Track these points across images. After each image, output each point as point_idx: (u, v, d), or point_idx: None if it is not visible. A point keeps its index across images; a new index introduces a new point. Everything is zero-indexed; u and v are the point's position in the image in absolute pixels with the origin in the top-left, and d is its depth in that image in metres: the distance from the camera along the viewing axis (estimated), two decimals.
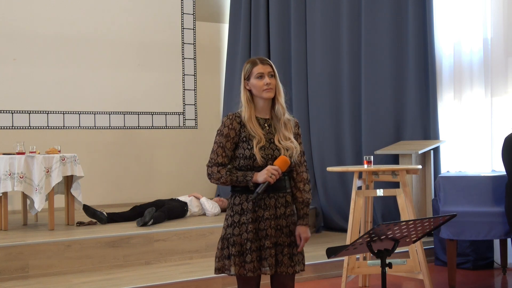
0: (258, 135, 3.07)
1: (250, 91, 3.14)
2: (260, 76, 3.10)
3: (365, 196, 5.04)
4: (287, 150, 3.08)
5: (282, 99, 3.13)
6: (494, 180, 5.16)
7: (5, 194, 5.97)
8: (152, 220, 6.07)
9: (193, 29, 8.81)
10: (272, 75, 3.12)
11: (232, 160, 3.13)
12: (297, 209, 3.16)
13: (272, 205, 3.08)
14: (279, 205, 3.10)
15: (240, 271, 3.03)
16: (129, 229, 5.90)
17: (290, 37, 7.83)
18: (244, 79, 3.15)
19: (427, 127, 6.57)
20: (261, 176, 3.01)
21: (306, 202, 3.15)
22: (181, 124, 8.68)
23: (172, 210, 6.53)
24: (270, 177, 2.99)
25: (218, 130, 3.14)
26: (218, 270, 3.11)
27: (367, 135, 6.95)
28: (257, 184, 3.02)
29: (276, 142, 3.08)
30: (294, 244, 3.11)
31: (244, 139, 3.08)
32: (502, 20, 6.01)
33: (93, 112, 8.08)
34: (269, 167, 3.01)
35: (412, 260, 4.80)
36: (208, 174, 3.17)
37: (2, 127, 7.54)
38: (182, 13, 8.74)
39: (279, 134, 3.10)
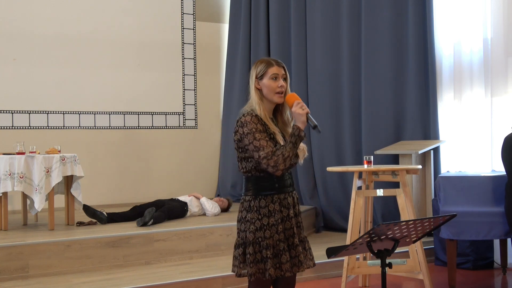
0: (278, 133, 3.09)
1: (260, 90, 3.13)
2: (275, 77, 3.10)
3: (365, 196, 5.04)
4: (301, 151, 3.13)
5: None
6: (494, 180, 5.16)
7: (5, 194, 5.97)
8: (152, 220, 6.07)
9: (193, 29, 8.81)
10: (285, 79, 3.14)
11: (248, 161, 3.08)
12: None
13: (291, 203, 3.15)
14: (295, 203, 3.19)
15: (277, 273, 3.04)
16: (129, 229, 5.90)
17: (290, 37, 7.84)
18: (256, 78, 3.13)
19: (427, 127, 6.57)
20: (299, 121, 3.00)
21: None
22: (181, 124, 8.68)
23: (172, 210, 6.53)
24: (302, 109, 3.00)
25: (249, 130, 3.01)
26: (252, 275, 3.05)
27: (367, 135, 6.95)
28: (313, 126, 3.00)
29: None
30: (307, 239, 3.22)
31: (271, 136, 3.07)
32: (502, 20, 6.01)
33: (93, 112, 8.08)
34: (294, 106, 3.01)
35: (412, 260, 4.80)
36: (275, 164, 2.97)
37: (2, 127, 7.54)
38: (182, 13, 8.74)
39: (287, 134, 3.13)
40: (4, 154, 6.12)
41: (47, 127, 7.79)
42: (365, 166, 4.93)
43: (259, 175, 3.09)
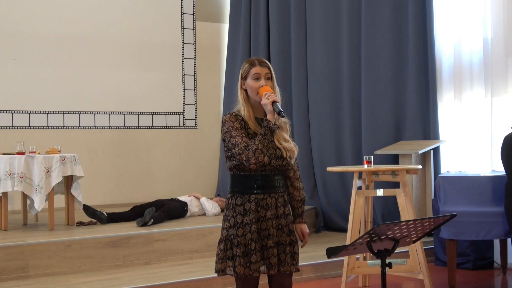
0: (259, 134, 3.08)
1: (246, 90, 3.15)
2: (257, 77, 3.10)
3: (365, 196, 5.04)
4: (288, 151, 3.10)
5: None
6: (494, 180, 5.16)
7: (5, 194, 5.97)
8: (152, 220, 6.07)
9: (193, 29, 8.80)
10: (269, 78, 3.13)
11: (231, 160, 3.11)
12: (295, 208, 3.22)
13: (273, 204, 3.10)
14: (279, 205, 3.13)
15: (245, 272, 3.03)
16: (129, 229, 5.90)
17: (290, 37, 7.84)
18: (241, 79, 3.16)
19: (427, 127, 6.57)
20: (267, 112, 3.03)
21: (303, 200, 3.26)
22: (181, 124, 8.68)
23: (172, 210, 6.53)
24: (268, 98, 3.01)
25: (226, 128, 3.08)
26: (221, 271, 3.09)
27: (367, 135, 6.95)
28: (277, 111, 3.01)
29: (276, 143, 3.09)
30: (294, 243, 3.14)
31: (250, 136, 3.08)
32: (502, 20, 6.01)
33: (93, 112, 8.08)
34: (263, 97, 3.03)
35: (412, 260, 4.80)
36: (247, 159, 2.99)
37: (2, 127, 7.54)
38: (182, 13, 8.74)
39: (277, 135, 3.11)
40: (4, 154, 6.12)
41: (47, 127, 7.79)
42: (365, 166, 4.93)
43: (239, 174, 3.10)
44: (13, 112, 7.61)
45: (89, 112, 8.05)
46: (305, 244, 3.23)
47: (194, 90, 8.79)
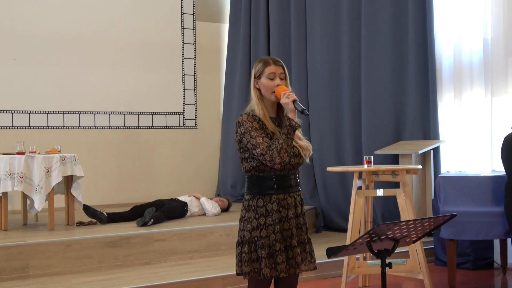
0: (277, 133, 3.08)
1: (259, 90, 3.13)
2: (272, 77, 3.09)
3: (365, 196, 5.04)
4: (304, 149, 3.12)
5: None
6: (494, 180, 5.16)
7: (5, 194, 5.97)
8: (152, 220, 6.07)
9: (193, 29, 8.81)
10: (283, 78, 3.12)
11: (249, 161, 3.08)
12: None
13: (293, 204, 3.13)
14: (298, 204, 3.16)
15: (271, 273, 3.03)
16: (129, 229, 5.90)
17: (290, 37, 7.84)
18: (255, 78, 3.14)
19: (427, 127, 6.57)
20: (288, 111, 3.01)
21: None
22: (181, 124, 8.68)
23: (172, 210, 6.53)
24: (288, 97, 3.00)
25: (245, 129, 3.02)
26: (247, 274, 3.05)
27: (367, 135, 6.95)
28: (300, 110, 3.00)
29: (293, 142, 3.08)
30: (311, 242, 3.18)
31: (268, 135, 3.06)
32: (502, 20, 6.01)
33: (93, 112, 8.08)
34: (281, 98, 3.02)
35: (412, 260, 4.80)
36: (271, 159, 2.96)
37: (2, 127, 7.54)
38: (182, 13, 8.74)
39: None
40: (4, 154, 6.12)
41: (47, 127, 7.79)
42: (365, 166, 4.93)
43: (258, 175, 3.09)
44: (13, 112, 7.61)
45: (89, 112, 8.05)
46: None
47: (194, 90, 8.79)
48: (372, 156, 5.01)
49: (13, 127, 7.60)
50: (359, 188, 5.00)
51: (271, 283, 3.14)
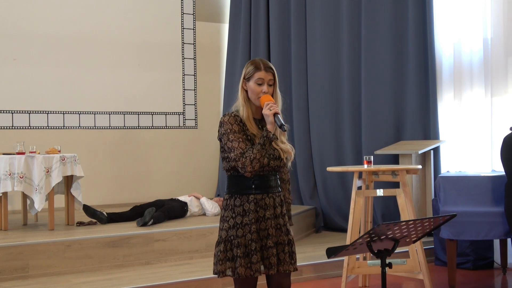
0: (258, 136, 3.08)
1: (246, 91, 3.14)
2: (260, 82, 3.09)
3: (365, 196, 5.04)
4: (285, 152, 3.12)
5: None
6: (494, 180, 5.16)
7: (5, 194, 5.97)
8: (152, 220, 6.07)
9: (193, 29, 8.81)
10: (272, 84, 3.12)
11: (228, 161, 3.10)
12: (286, 210, 3.22)
13: (271, 204, 3.11)
14: (277, 205, 3.14)
15: (246, 272, 3.02)
16: (129, 229, 5.90)
17: (290, 38, 7.84)
18: (244, 79, 3.15)
19: (427, 127, 6.57)
20: (268, 122, 3.01)
21: (291, 203, 3.29)
22: (181, 124, 8.68)
23: (172, 210, 6.53)
24: (270, 109, 3.00)
25: (224, 130, 3.07)
26: (221, 273, 3.08)
27: (367, 135, 6.95)
28: (279, 124, 2.99)
29: (274, 144, 3.09)
30: (292, 243, 3.15)
31: (249, 137, 3.08)
32: (502, 20, 6.02)
33: (93, 112, 8.08)
34: (264, 107, 3.01)
35: (412, 260, 4.80)
36: (242, 166, 3.00)
37: (2, 127, 7.54)
38: (182, 13, 8.74)
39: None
40: (4, 154, 6.12)
41: (47, 127, 7.79)
42: (365, 166, 4.93)
43: (237, 175, 3.10)
44: (13, 112, 7.61)
45: (89, 112, 8.05)
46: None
47: (194, 90, 8.79)
48: (372, 156, 5.01)
49: (13, 127, 7.60)
50: (359, 188, 5.00)
51: (256, 283, 3.13)
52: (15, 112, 7.62)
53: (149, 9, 8.50)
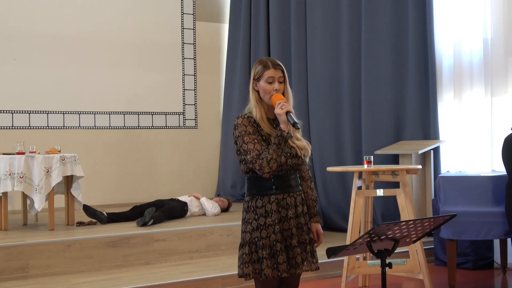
0: (273, 134, 3.07)
1: (257, 91, 3.13)
2: (271, 81, 3.08)
3: (365, 196, 5.04)
4: (302, 149, 3.11)
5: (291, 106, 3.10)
6: (494, 180, 5.16)
7: (5, 194, 5.97)
8: (152, 220, 6.08)
9: (193, 29, 8.81)
10: (282, 81, 3.11)
11: (246, 163, 3.09)
12: (310, 207, 3.20)
13: (293, 204, 3.10)
14: (298, 204, 3.12)
15: (273, 274, 3.01)
16: (129, 229, 5.90)
17: (290, 37, 7.84)
18: (254, 80, 3.13)
19: (427, 127, 6.57)
20: (281, 121, 3.00)
21: (316, 199, 3.24)
22: (181, 124, 8.68)
23: (172, 210, 6.53)
24: (282, 108, 2.98)
25: (239, 132, 3.04)
26: (248, 275, 3.05)
27: (367, 135, 6.94)
28: (292, 123, 2.98)
29: (290, 142, 3.08)
30: (312, 241, 3.15)
31: (264, 138, 3.06)
32: (502, 20, 6.01)
33: (93, 112, 8.08)
34: (276, 106, 3.00)
35: (412, 260, 4.80)
36: (260, 168, 2.98)
37: (2, 127, 7.54)
38: (182, 13, 8.74)
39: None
40: (4, 154, 6.12)
41: (47, 127, 7.79)
42: (365, 166, 4.93)
43: (256, 176, 3.08)
44: (13, 112, 7.61)
45: (89, 112, 8.05)
46: (319, 244, 3.21)
47: (194, 90, 8.79)
48: (372, 156, 5.01)
49: (13, 127, 7.60)
50: (359, 188, 5.00)
51: (277, 284, 3.12)
52: (15, 112, 7.62)
53: (149, 9, 8.50)
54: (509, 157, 4.87)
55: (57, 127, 7.85)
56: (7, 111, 7.58)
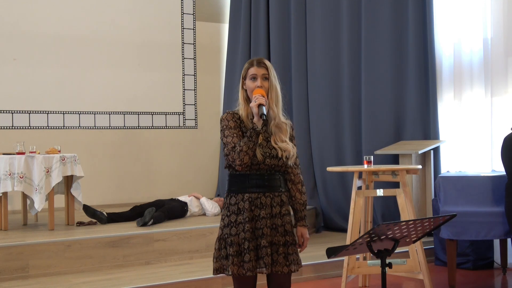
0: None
1: (246, 90, 3.17)
2: (253, 78, 3.11)
3: (365, 196, 5.04)
4: (284, 151, 3.10)
5: (274, 102, 3.11)
6: (494, 180, 5.16)
7: (5, 194, 5.97)
8: (152, 220, 6.08)
9: (193, 29, 8.81)
10: (266, 78, 3.12)
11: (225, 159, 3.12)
12: (297, 211, 3.19)
13: (268, 204, 3.08)
14: (275, 204, 3.10)
15: (239, 271, 3.01)
16: (129, 229, 5.90)
17: (290, 37, 7.84)
18: (242, 78, 3.18)
19: (427, 127, 6.57)
20: (254, 114, 3.02)
21: (305, 204, 3.22)
22: (181, 124, 8.68)
23: (172, 210, 6.53)
24: (255, 101, 3.01)
25: (221, 127, 3.12)
26: (216, 270, 3.09)
27: (367, 135, 6.95)
28: (260, 114, 3.00)
29: (272, 143, 3.09)
30: (289, 244, 3.09)
31: (244, 134, 3.08)
32: (502, 20, 6.01)
33: (93, 112, 8.08)
34: (252, 99, 3.04)
35: (412, 260, 4.80)
36: (232, 160, 3.01)
37: (2, 127, 7.54)
38: (182, 13, 8.74)
39: (274, 135, 3.11)
40: (4, 154, 6.12)
41: (47, 127, 7.79)
42: (365, 166, 4.93)
43: (234, 173, 3.10)
44: (13, 112, 7.61)
45: (89, 112, 8.05)
46: (303, 249, 3.18)
47: (194, 90, 8.79)
48: (372, 156, 5.01)
49: (13, 127, 7.60)
50: (359, 188, 5.00)
51: (255, 283, 3.11)
52: (15, 112, 7.62)
53: (149, 9, 8.50)
54: (508, 157, 4.87)
55: (57, 127, 7.85)
56: (7, 111, 7.58)
